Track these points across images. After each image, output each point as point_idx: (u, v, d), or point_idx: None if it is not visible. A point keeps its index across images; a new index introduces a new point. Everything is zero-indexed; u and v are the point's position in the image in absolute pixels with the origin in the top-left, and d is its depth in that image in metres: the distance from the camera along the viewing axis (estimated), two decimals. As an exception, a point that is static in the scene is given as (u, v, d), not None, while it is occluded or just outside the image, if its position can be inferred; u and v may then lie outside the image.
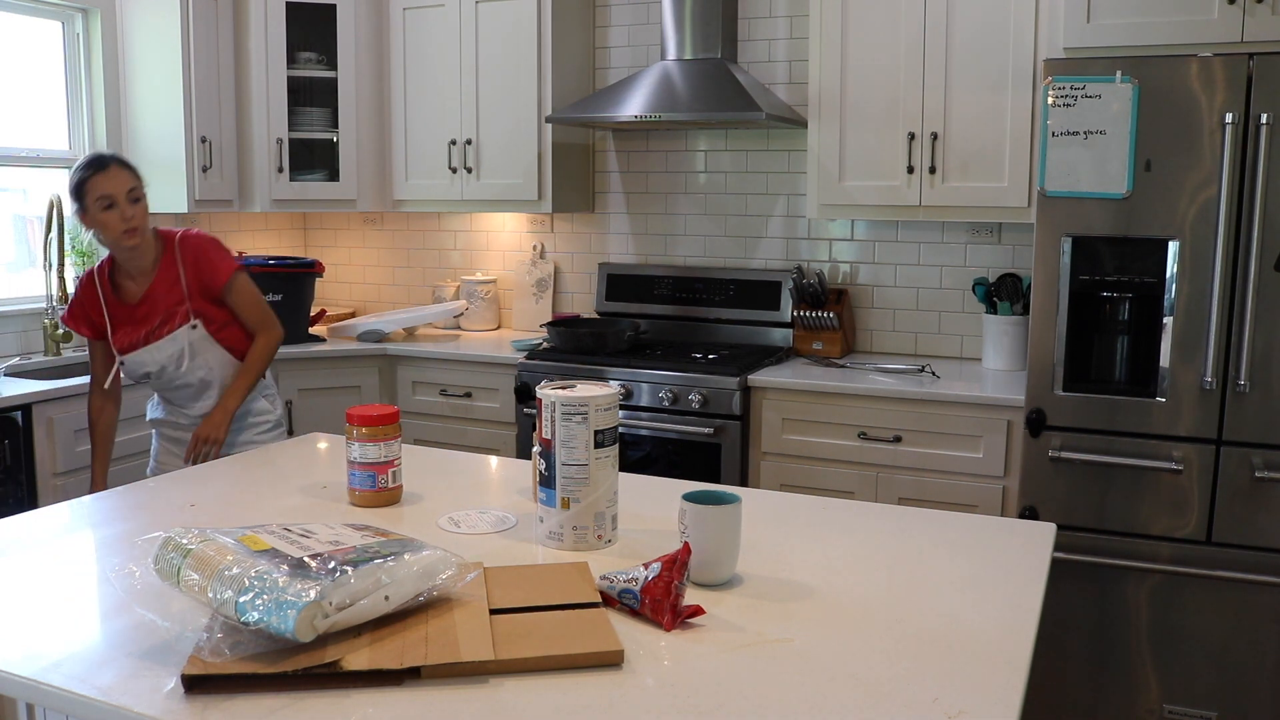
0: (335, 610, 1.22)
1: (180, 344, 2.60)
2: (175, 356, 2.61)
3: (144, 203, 2.56)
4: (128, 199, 2.51)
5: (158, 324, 2.60)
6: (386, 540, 1.40)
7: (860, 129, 3.33)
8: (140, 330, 2.61)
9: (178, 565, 1.28)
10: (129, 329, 2.62)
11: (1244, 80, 2.52)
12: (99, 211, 2.50)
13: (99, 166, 2.52)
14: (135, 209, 2.53)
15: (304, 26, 4.03)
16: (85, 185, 2.50)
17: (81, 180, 2.51)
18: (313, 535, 1.39)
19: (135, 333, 2.62)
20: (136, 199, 2.53)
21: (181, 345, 2.60)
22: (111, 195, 2.49)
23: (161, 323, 2.60)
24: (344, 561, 1.28)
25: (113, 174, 2.51)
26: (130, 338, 2.62)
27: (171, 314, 2.60)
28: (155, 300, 2.60)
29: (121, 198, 2.50)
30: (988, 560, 1.64)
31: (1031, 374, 2.82)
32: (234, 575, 1.23)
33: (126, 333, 2.63)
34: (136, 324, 2.61)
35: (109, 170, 2.51)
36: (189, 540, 1.31)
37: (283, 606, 1.19)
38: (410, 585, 1.31)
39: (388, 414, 1.89)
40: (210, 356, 2.64)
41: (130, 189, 2.52)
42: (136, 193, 2.54)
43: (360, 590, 1.25)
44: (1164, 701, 2.76)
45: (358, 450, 1.87)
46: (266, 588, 1.21)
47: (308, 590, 1.20)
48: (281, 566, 1.25)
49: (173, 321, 2.60)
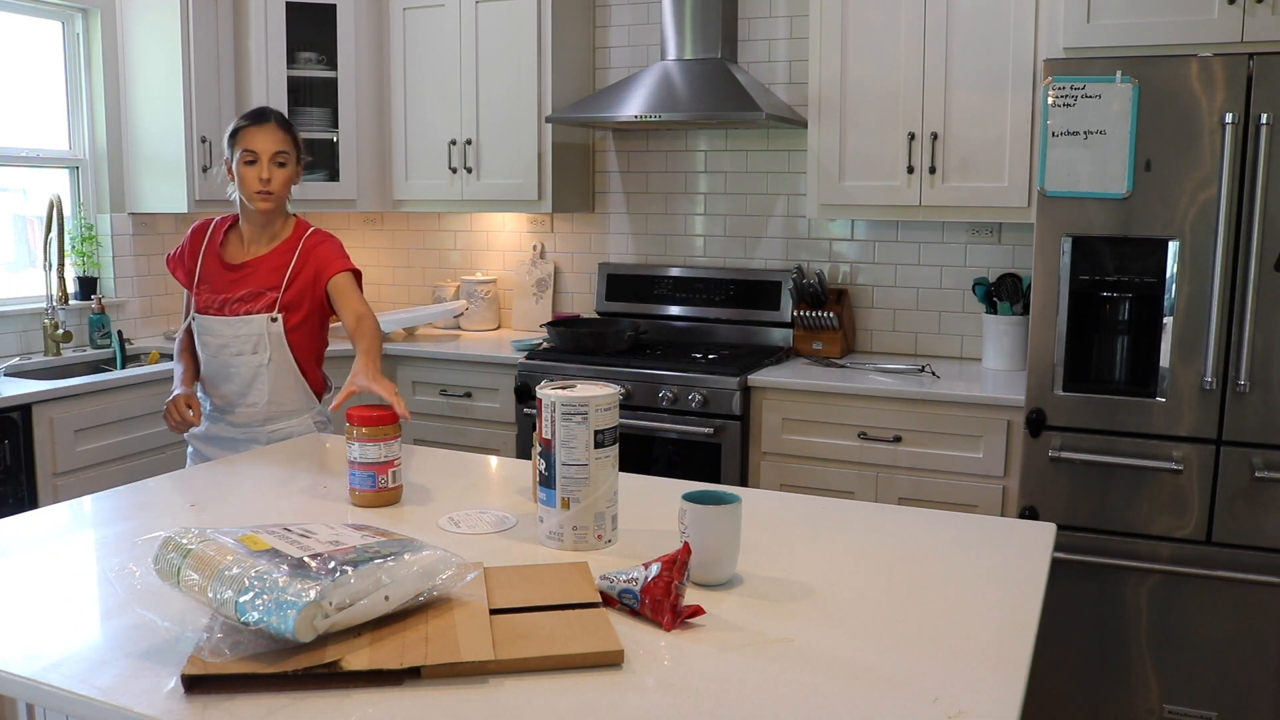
0: (335, 610, 1.22)
1: (254, 330, 2.49)
2: (242, 339, 2.50)
3: (290, 170, 2.49)
4: (272, 160, 2.45)
5: (241, 297, 2.50)
6: (387, 540, 1.40)
7: (860, 129, 3.33)
8: (221, 296, 2.52)
9: (178, 565, 1.28)
10: (213, 289, 2.53)
11: (1244, 80, 2.52)
12: (241, 164, 2.45)
13: (258, 119, 2.48)
14: (278, 173, 2.46)
15: (304, 26, 4.03)
16: (237, 135, 2.46)
17: (236, 130, 2.47)
18: (313, 535, 1.38)
19: (216, 296, 2.52)
20: (282, 164, 2.47)
21: (255, 331, 2.49)
22: (257, 152, 2.44)
23: (245, 299, 2.50)
24: (344, 561, 1.28)
25: (267, 131, 2.46)
26: (209, 299, 2.53)
27: (259, 295, 2.50)
28: (253, 273, 2.51)
29: (266, 157, 2.44)
30: (987, 560, 1.64)
31: (1031, 374, 2.82)
32: (234, 575, 1.23)
33: (209, 291, 2.53)
34: (222, 288, 2.52)
35: (265, 126, 2.47)
36: (189, 540, 1.31)
37: (283, 606, 1.19)
38: (410, 585, 1.31)
39: (388, 415, 1.89)
40: (276, 353, 2.51)
41: (278, 151, 2.46)
42: (284, 158, 2.47)
43: (360, 590, 1.25)
44: (1164, 701, 2.76)
45: (358, 450, 1.87)
46: (266, 588, 1.20)
47: (308, 590, 1.20)
48: (281, 566, 1.24)
49: (257, 303, 2.50)
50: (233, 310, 2.51)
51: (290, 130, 2.51)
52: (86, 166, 3.90)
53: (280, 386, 2.54)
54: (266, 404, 2.54)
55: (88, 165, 3.91)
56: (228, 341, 2.51)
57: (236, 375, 2.53)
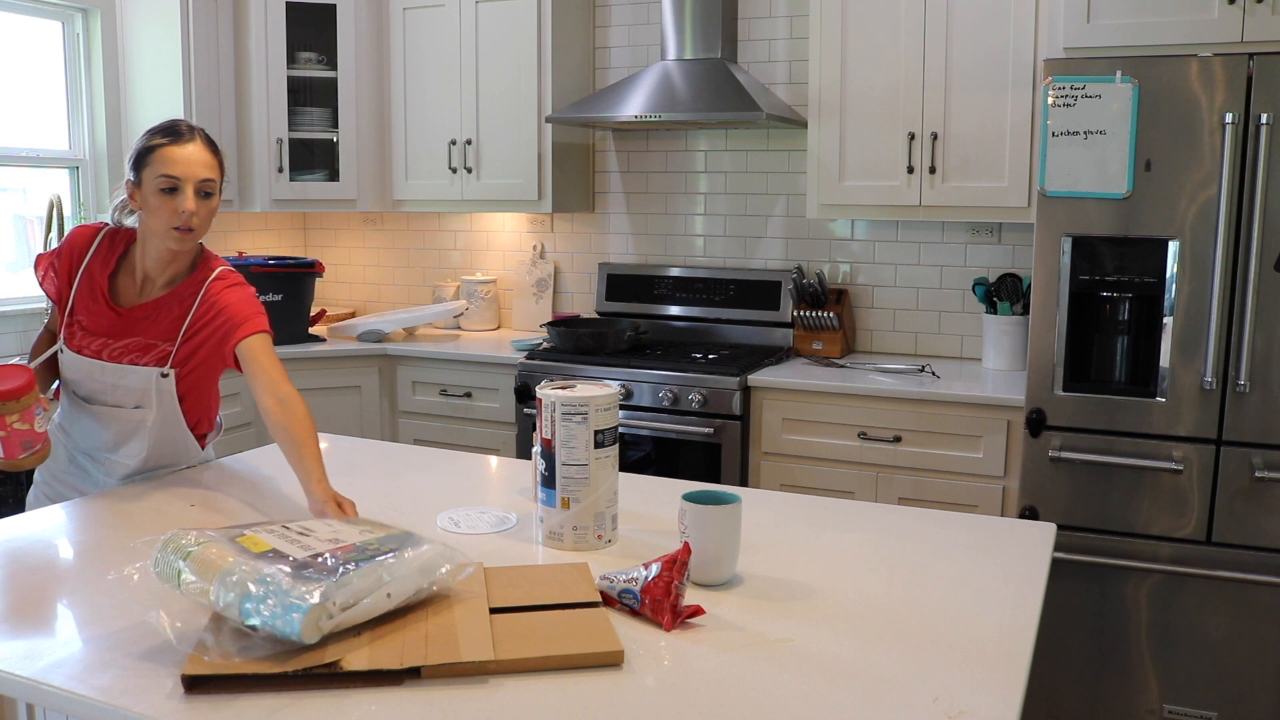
0: (339, 610, 1.23)
1: (138, 383, 2.03)
2: (122, 391, 2.04)
3: (216, 201, 2.01)
4: (197, 190, 1.95)
5: (126, 345, 2.04)
6: (386, 535, 1.41)
7: (860, 129, 3.33)
8: (100, 339, 2.04)
9: (178, 568, 1.28)
10: (89, 329, 2.05)
11: (1244, 80, 2.52)
12: (155, 191, 1.93)
13: (176, 136, 1.96)
14: (204, 206, 1.98)
15: (304, 26, 4.03)
16: (152, 155, 1.94)
17: (151, 147, 1.95)
18: (311, 534, 1.39)
19: (92, 338, 2.04)
20: (208, 194, 1.98)
21: (139, 386, 2.04)
22: (179, 178, 1.93)
23: (131, 348, 2.04)
24: (345, 560, 1.29)
25: (192, 153, 1.96)
26: (85, 340, 2.05)
27: (149, 347, 2.04)
28: (144, 321, 2.04)
29: (191, 185, 1.94)
30: (988, 560, 1.64)
31: (1031, 374, 2.82)
32: (236, 579, 1.23)
33: (84, 331, 2.05)
34: (102, 330, 2.04)
35: (188, 146, 1.96)
36: (188, 542, 1.31)
37: (288, 610, 1.19)
38: (411, 581, 1.32)
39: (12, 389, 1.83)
40: (162, 410, 2.05)
41: (205, 179, 1.96)
42: (210, 186, 1.98)
43: (363, 589, 1.26)
44: (1164, 701, 2.76)
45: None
46: (270, 591, 1.21)
47: (311, 593, 1.21)
48: (283, 568, 1.25)
49: (145, 355, 2.03)
50: (114, 357, 2.04)
51: (218, 153, 2.03)
52: (86, 166, 3.90)
53: (162, 442, 2.10)
54: (142, 461, 2.10)
55: (88, 165, 3.91)
56: (104, 390, 2.05)
57: (111, 427, 2.08)
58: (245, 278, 2.12)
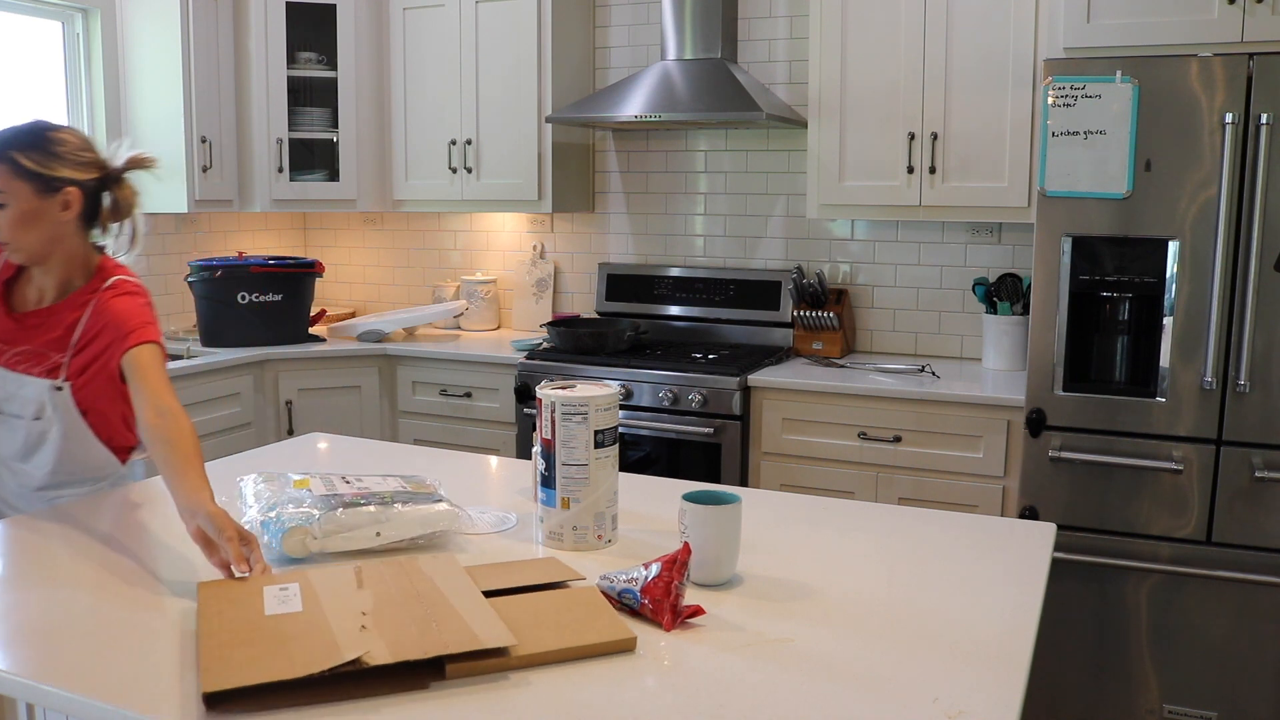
0: (322, 535, 1.57)
1: (34, 394, 1.96)
2: (20, 401, 1.98)
3: (13, 210, 1.87)
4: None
5: (20, 353, 1.97)
6: (413, 492, 1.70)
7: (860, 129, 3.33)
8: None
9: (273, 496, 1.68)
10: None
11: (1244, 80, 2.52)
12: None
13: None
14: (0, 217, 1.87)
15: (304, 26, 4.03)
16: None
17: None
18: (354, 483, 1.73)
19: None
20: (2, 205, 1.86)
21: (35, 397, 1.96)
22: None
23: (25, 356, 1.96)
24: (353, 502, 1.62)
25: None
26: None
27: (41, 356, 1.96)
28: (38, 329, 1.97)
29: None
30: (988, 560, 1.64)
31: (1031, 374, 2.82)
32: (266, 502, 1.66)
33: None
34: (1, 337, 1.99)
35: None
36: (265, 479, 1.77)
37: (282, 524, 1.59)
38: (405, 529, 1.63)
39: None
40: (65, 423, 1.97)
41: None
42: (2, 198, 1.85)
43: (352, 524, 1.60)
44: (1164, 701, 2.76)
45: None
46: (280, 517, 1.60)
47: (300, 518, 1.58)
48: (305, 500, 1.63)
49: (37, 364, 1.96)
50: (10, 364, 1.97)
51: (13, 162, 1.87)
52: (86, 166, 3.90)
53: (69, 456, 2.00)
54: (49, 474, 2.02)
55: (88, 165, 3.90)
56: (6, 398, 2.00)
57: (16, 436, 2.01)
58: (143, 285, 2.03)
